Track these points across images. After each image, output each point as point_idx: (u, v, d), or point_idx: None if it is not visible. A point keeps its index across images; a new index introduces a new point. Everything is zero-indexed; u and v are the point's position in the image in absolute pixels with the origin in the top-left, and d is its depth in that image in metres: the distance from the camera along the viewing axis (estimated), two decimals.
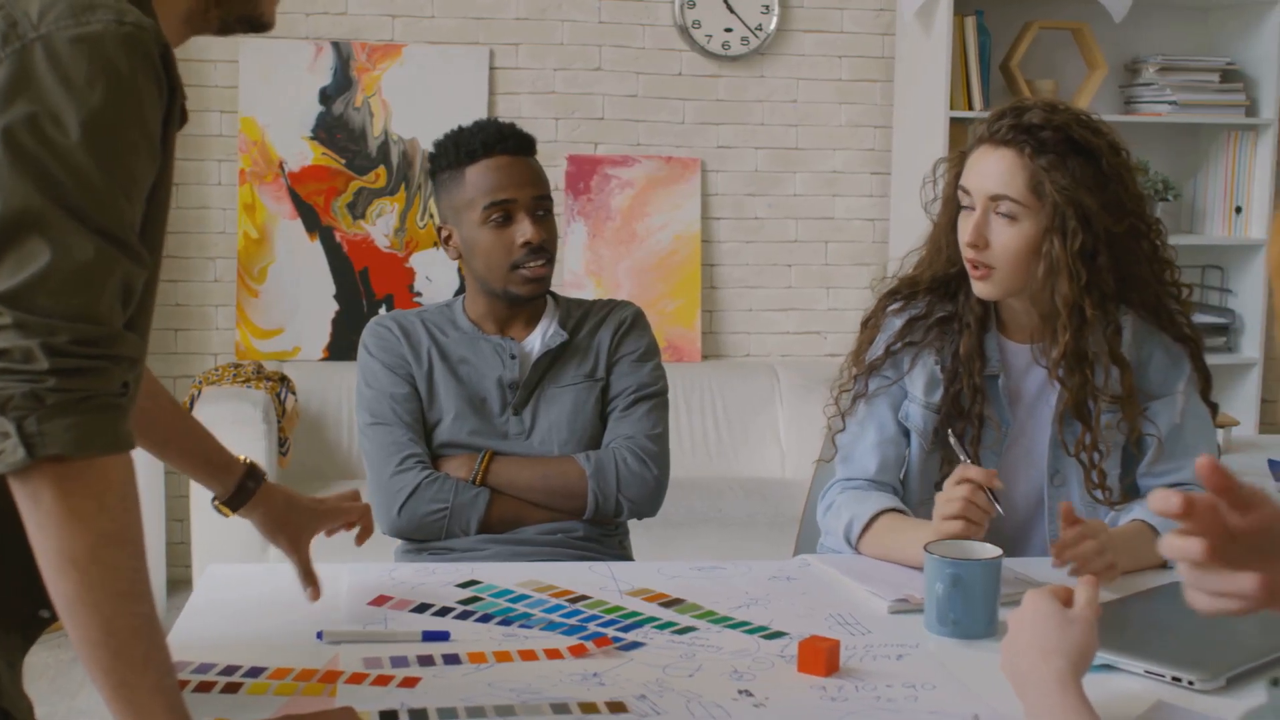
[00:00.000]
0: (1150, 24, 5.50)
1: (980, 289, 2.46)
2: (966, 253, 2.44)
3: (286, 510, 2.18)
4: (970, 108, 5.12)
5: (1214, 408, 2.59)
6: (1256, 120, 5.34)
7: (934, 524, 2.25)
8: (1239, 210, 5.43)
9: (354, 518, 2.27)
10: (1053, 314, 2.43)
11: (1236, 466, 3.34)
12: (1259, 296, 5.42)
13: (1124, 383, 2.45)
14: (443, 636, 1.99)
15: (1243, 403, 5.39)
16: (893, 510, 2.44)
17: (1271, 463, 3.24)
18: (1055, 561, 2.21)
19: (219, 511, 2.17)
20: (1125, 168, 2.44)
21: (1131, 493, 2.53)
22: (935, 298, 2.57)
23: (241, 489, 2.14)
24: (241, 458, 2.16)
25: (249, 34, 1.77)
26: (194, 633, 2.03)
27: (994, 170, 2.41)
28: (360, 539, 2.29)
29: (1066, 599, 1.70)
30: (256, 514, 2.16)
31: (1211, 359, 2.62)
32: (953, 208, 2.51)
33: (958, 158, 2.53)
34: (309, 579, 2.16)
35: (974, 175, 2.44)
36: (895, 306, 2.59)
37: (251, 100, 5.18)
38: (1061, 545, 2.20)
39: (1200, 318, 5.19)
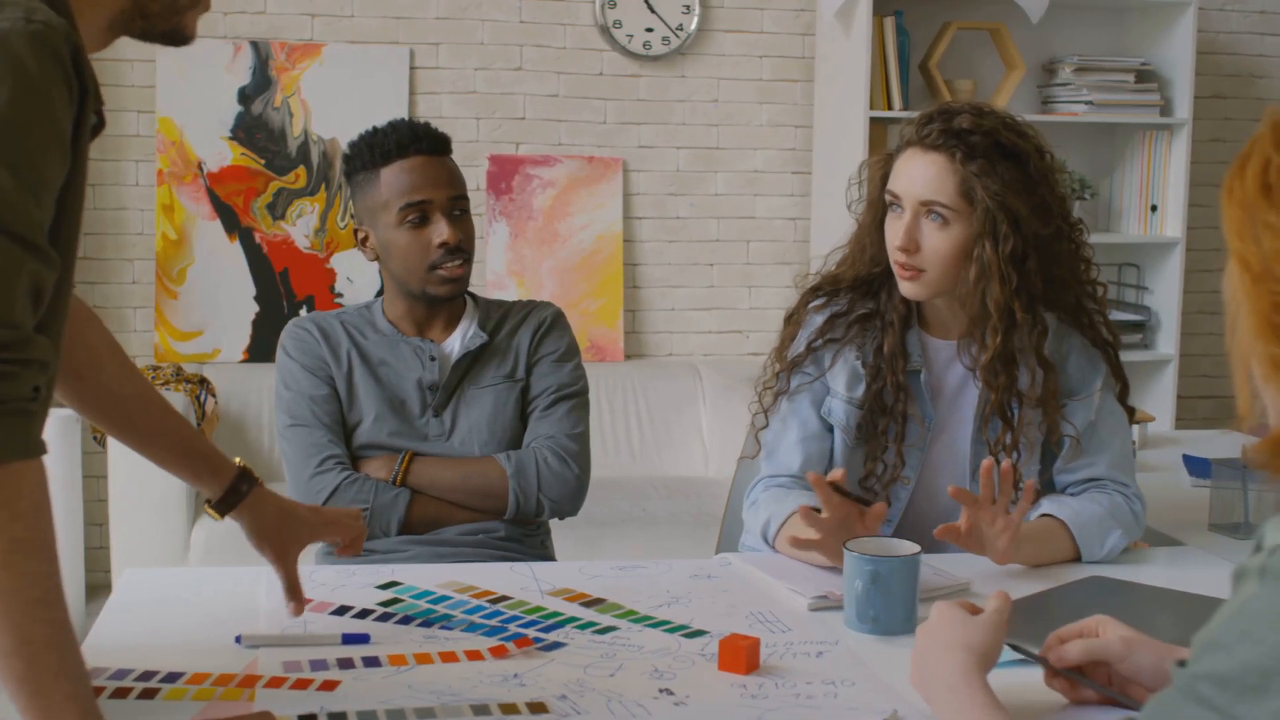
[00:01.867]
0: (1066, 25, 5.56)
1: (909, 290, 2.47)
2: (897, 256, 2.45)
3: (278, 519, 2.10)
4: (890, 108, 5.16)
5: (1131, 411, 2.63)
6: (1171, 120, 5.40)
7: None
8: (1154, 209, 5.50)
9: (349, 535, 2.20)
10: (982, 316, 2.45)
11: (1152, 462, 3.38)
12: (1175, 294, 5.49)
13: (1047, 384, 2.47)
14: (363, 639, 1.98)
15: (1159, 399, 5.45)
16: (810, 508, 2.45)
17: (1186, 458, 3.28)
18: (950, 489, 2.27)
19: (209, 514, 2.11)
20: (1050, 170, 2.47)
21: (1047, 488, 2.56)
22: (857, 295, 2.58)
23: (232, 492, 2.06)
24: (236, 460, 2.10)
25: (169, 46, 1.75)
26: (111, 638, 2.01)
27: (924, 175, 2.42)
28: (342, 551, 2.23)
29: (972, 610, 1.73)
30: (244, 519, 2.08)
31: (1128, 356, 2.66)
32: (879, 209, 2.52)
33: (884, 159, 2.54)
34: (294, 592, 2.08)
35: (903, 179, 2.45)
36: (817, 303, 2.61)
37: (169, 100, 5.13)
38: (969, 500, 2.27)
39: (1117, 315, 5.25)
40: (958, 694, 1.59)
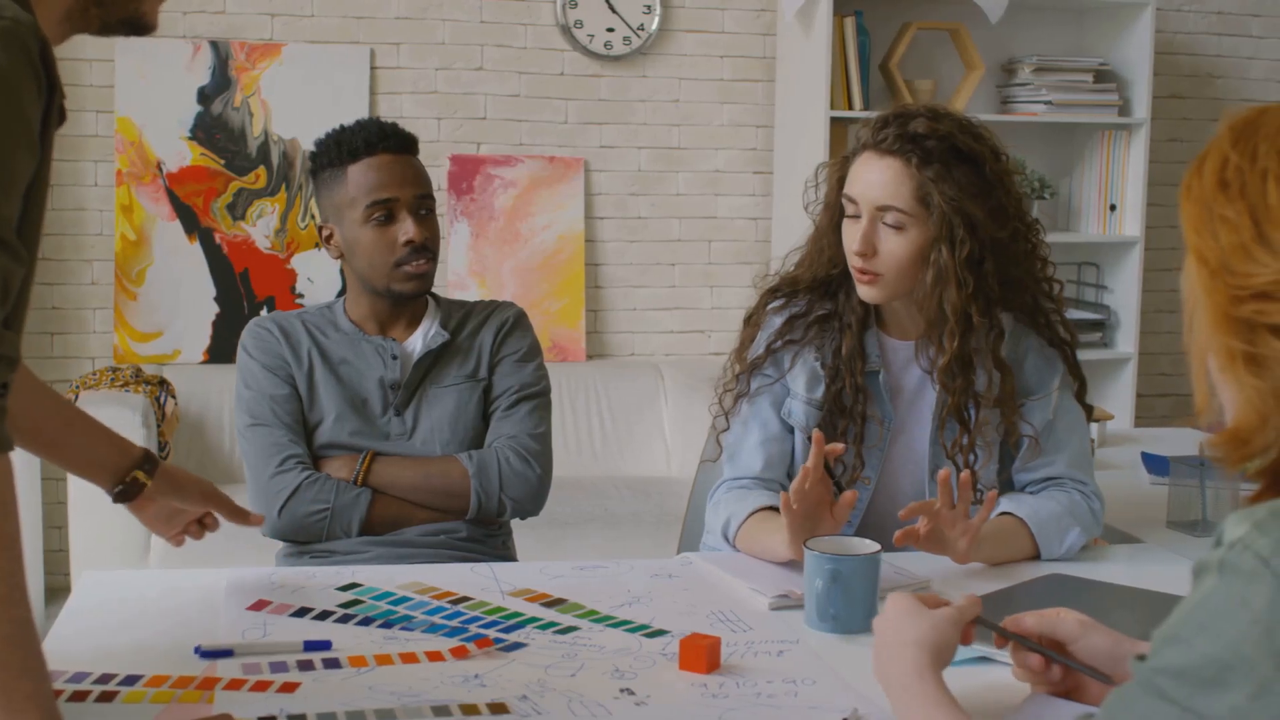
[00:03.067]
0: (1025, 25, 5.59)
1: (866, 294, 2.48)
2: (854, 261, 2.46)
3: (185, 476, 2.25)
4: (850, 107, 5.17)
5: (1089, 409, 2.64)
6: (1129, 120, 5.43)
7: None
8: (1113, 208, 5.53)
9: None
10: (939, 319, 2.46)
11: (1111, 460, 3.40)
12: (1134, 293, 5.51)
13: (1004, 386, 2.48)
14: (324, 646, 1.96)
15: (1118, 397, 5.48)
16: (769, 508, 2.46)
17: (1145, 456, 3.30)
18: (902, 513, 2.27)
19: (132, 489, 2.15)
20: (1006, 172, 2.48)
21: (1005, 487, 2.57)
22: (815, 296, 2.59)
23: (148, 458, 2.16)
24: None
25: (131, 35, 1.74)
26: (70, 640, 2.00)
27: (880, 180, 2.42)
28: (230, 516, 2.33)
29: (931, 603, 1.73)
30: (166, 481, 2.18)
31: (1088, 354, 2.67)
32: (835, 211, 2.53)
33: (840, 162, 2.54)
34: (243, 513, 2.28)
35: (860, 184, 2.45)
36: (776, 305, 2.61)
37: (128, 100, 5.11)
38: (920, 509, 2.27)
39: (1077, 314, 5.28)
40: (911, 691, 1.60)
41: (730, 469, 2.60)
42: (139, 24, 1.72)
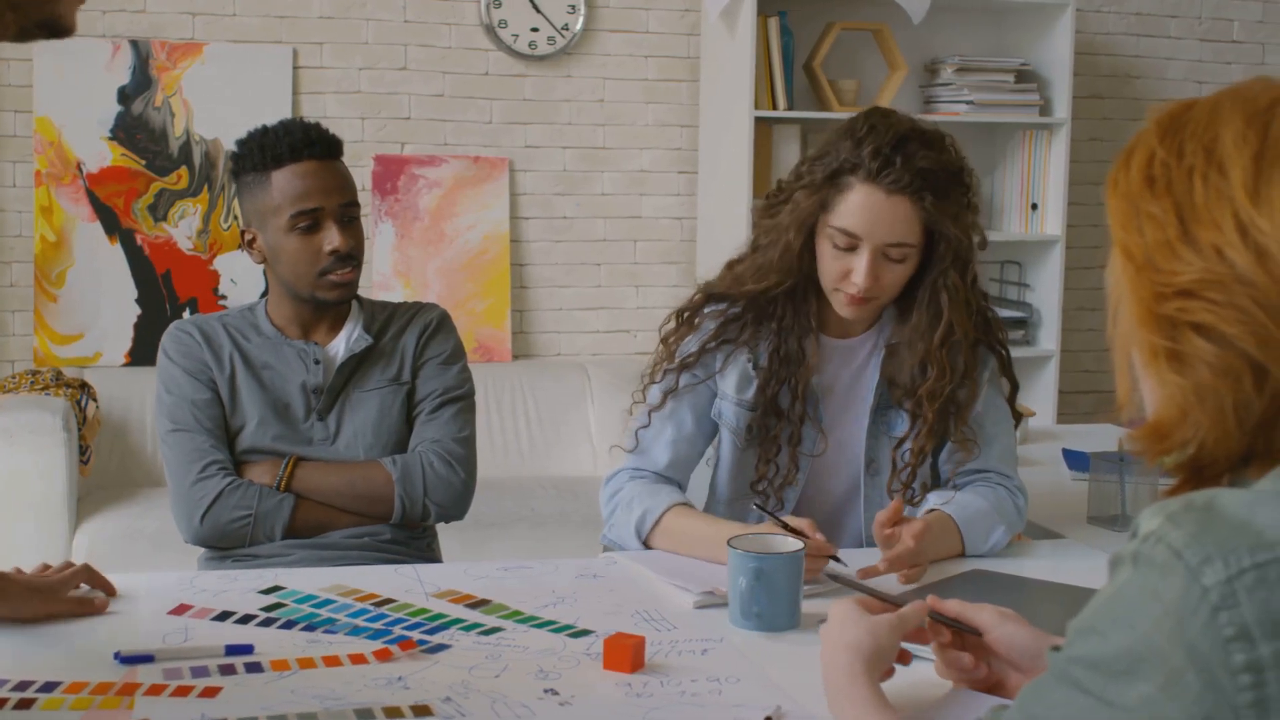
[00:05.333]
0: (947, 26, 5.62)
1: (853, 313, 2.48)
2: (850, 290, 2.43)
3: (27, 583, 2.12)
4: (775, 107, 5.19)
5: (1017, 417, 2.67)
6: (1050, 119, 5.49)
7: None
8: (1035, 207, 5.58)
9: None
10: (944, 341, 2.46)
11: (1033, 456, 3.43)
12: (1056, 290, 5.57)
13: (969, 396, 2.50)
14: (246, 650, 1.95)
15: (1040, 394, 5.53)
16: (682, 504, 2.47)
17: (1066, 452, 3.33)
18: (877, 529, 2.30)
19: None
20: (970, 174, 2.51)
21: (933, 482, 2.58)
22: (753, 302, 2.56)
23: None
24: None
25: (50, 39, 1.71)
26: None
27: (890, 218, 2.38)
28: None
29: (874, 608, 1.74)
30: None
31: (1011, 351, 2.69)
32: (807, 233, 2.47)
33: (822, 185, 2.44)
34: (103, 582, 2.17)
35: (865, 222, 2.39)
36: (715, 309, 2.58)
37: (47, 100, 5.05)
38: (886, 524, 2.29)
39: (1000, 312, 5.30)
40: (843, 693, 1.61)
41: (636, 459, 2.58)
42: (56, 26, 1.69)
